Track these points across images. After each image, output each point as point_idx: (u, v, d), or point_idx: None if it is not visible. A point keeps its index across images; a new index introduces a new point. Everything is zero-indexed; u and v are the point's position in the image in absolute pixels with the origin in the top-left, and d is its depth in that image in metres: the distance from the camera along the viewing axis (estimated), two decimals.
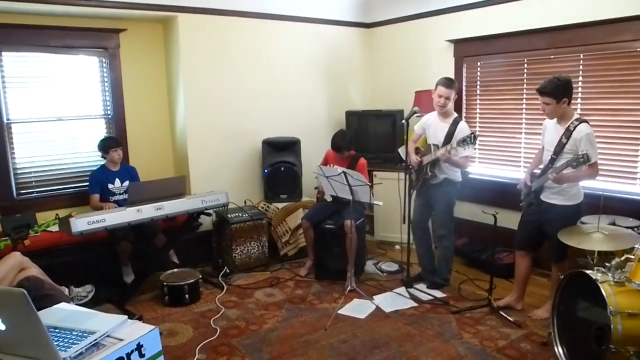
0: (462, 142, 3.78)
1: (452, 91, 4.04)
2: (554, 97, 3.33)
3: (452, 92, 4.04)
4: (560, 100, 3.34)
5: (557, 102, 3.34)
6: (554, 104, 3.35)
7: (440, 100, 4.05)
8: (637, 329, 2.64)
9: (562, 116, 3.43)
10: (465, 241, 5.11)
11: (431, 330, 3.59)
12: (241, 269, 4.76)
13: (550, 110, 3.41)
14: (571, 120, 3.40)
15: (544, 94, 3.36)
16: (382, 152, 5.60)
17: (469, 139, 3.75)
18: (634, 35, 3.90)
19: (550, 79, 3.37)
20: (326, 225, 4.56)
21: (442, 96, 4.03)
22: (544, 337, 3.37)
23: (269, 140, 5.26)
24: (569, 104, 3.40)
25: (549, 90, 3.33)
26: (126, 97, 4.92)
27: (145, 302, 4.12)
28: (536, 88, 3.43)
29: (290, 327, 3.68)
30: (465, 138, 3.77)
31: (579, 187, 3.50)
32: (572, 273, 3.06)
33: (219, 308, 3.98)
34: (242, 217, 4.81)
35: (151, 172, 4.89)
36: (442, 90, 4.04)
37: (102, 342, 1.52)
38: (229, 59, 5.13)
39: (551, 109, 3.39)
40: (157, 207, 3.97)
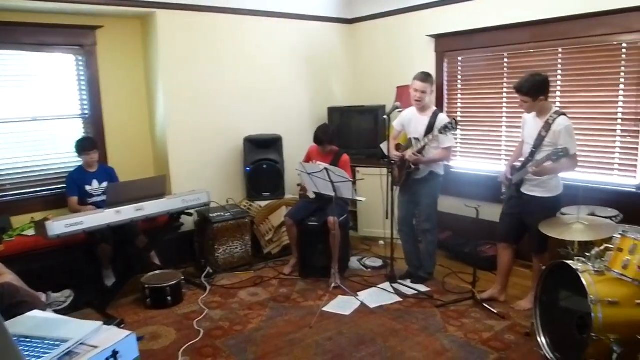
0: (444, 129, 3.79)
1: (428, 85, 4.05)
2: (530, 95, 3.38)
3: (428, 86, 4.05)
4: (537, 98, 3.39)
5: (534, 100, 3.39)
6: (531, 101, 3.40)
7: (416, 94, 4.06)
8: (617, 317, 2.68)
9: (541, 110, 3.46)
10: (448, 235, 5.12)
11: (416, 325, 3.59)
12: (224, 269, 4.71)
13: (527, 107, 3.47)
14: (550, 113, 3.44)
15: (522, 92, 3.41)
16: (364, 147, 5.59)
17: (450, 125, 3.76)
18: (611, 29, 3.93)
19: (527, 77, 3.41)
20: (309, 223, 4.54)
21: (418, 90, 4.04)
22: (527, 328, 3.40)
23: (251, 138, 5.21)
24: (545, 100, 3.43)
25: (525, 89, 3.39)
26: (104, 96, 4.83)
27: (126, 306, 4.05)
28: (514, 86, 3.48)
29: (275, 326, 3.65)
30: (447, 125, 3.78)
31: (559, 179, 3.53)
32: (553, 264, 3.09)
33: (202, 309, 3.93)
34: (224, 216, 4.76)
35: (130, 172, 4.81)
36: (418, 85, 4.04)
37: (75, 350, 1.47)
38: (209, 56, 5.07)
39: (528, 105, 3.45)
40: (137, 208, 3.91)
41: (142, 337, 3.48)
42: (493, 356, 3.15)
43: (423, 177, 4.18)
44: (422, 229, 4.31)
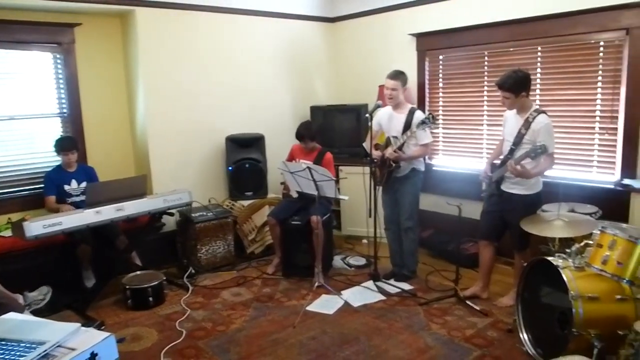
0: (422, 124, 3.81)
1: (399, 82, 4.06)
2: (512, 91, 3.40)
3: (399, 82, 4.06)
4: (519, 94, 3.40)
5: (516, 96, 3.41)
6: (513, 97, 3.42)
7: (388, 92, 4.08)
8: (597, 312, 2.71)
9: (521, 107, 3.49)
10: (431, 233, 5.15)
11: (400, 323, 3.59)
12: (207, 269, 4.67)
13: (509, 104, 3.48)
14: (530, 111, 3.46)
15: (504, 88, 3.42)
16: (347, 146, 5.59)
17: (428, 120, 3.78)
18: (588, 27, 3.99)
19: (508, 73, 3.42)
20: (293, 222, 4.52)
21: (389, 88, 4.07)
22: (510, 324, 3.43)
23: (233, 137, 5.17)
24: (527, 96, 3.46)
25: (508, 85, 3.39)
26: (83, 95, 4.75)
27: (107, 307, 3.99)
28: (495, 82, 3.49)
29: (258, 326, 3.62)
30: (424, 120, 3.80)
31: (538, 176, 3.56)
32: (534, 260, 3.13)
33: (184, 310, 3.89)
34: (206, 216, 4.72)
35: (110, 171, 4.74)
36: (388, 82, 4.07)
37: (52, 352, 1.43)
38: (190, 54, 5.01)
39: (510, 102, 3.46)
40: (117, 208, 3.86)
41: (123, 338, 3.43)
42: (476, 353, 3.16)
43: (405, 175, 4.19)
44: (404, 227, 4.31)
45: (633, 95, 3.82)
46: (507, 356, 3.10)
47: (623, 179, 3.87)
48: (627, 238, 2.76)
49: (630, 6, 3.72)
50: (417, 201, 4.30)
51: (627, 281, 2.71)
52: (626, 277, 2.71)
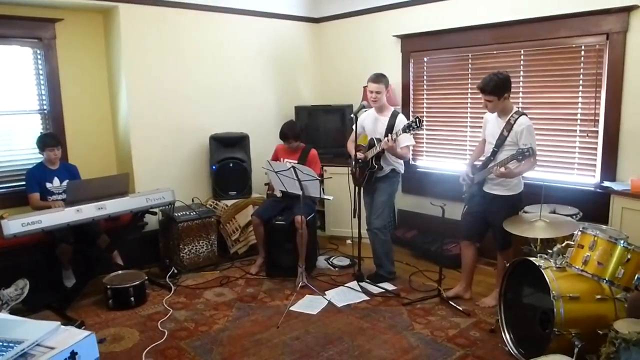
0: (408, 127, 3.82)
1: (382, 85, 4.08)
2: (495, 94, 3.42)
3: (382, 86, 4.09)
4: (502, 97, 3.43)
5: (499, 99, 3.43)
6: (496, 100, 3.44)
7: (372, 95, 4.10)
8: (578, 312, 2.75)
9: (503, 110, 3.52)
10: (414, 233, 5.17)
11: (383, 323, 3.59)
12: (190, 269, 4.62)
13: (492, 107, 3.50)
14: (511, 113, 3.49)
15: (486, 92, 3.43)
16: (331, 147, 5.57)
17: (414, 123, 3.78)
18: (570, 32, 4.04)
19: (490, 77, 3.43)
20: (276, 222, 4.50)
21: (373, 91, 4.08)
22: (492, 324, 3.45)
23: (217, 136, 5.13)
24: (508, 98, 3.49)
25: (490, 88, 3.41)
26: (64, 91, 4.67)
27: (87, 307, 3.92)
28: (478, 87, 3.50)
29: (242, 326, 3.59)
30: (411, 123, 3.80)
31: (520, 178, 3.60)
32: (516, 261, 3.15)
33: (166, 310, 3.84)
34: (189, 215, 4.67)
35: (92, 169, 4.66)
36: (372, 86, 4.09)
37: (30, 352, 1.39)
38: (174, 52, 4.96)
39: (493, 105, 3.47)
40: (99, 206, 3.79)
41: (104, 339, 3.38)
42: (459, 353, 3.18)
43: (385, 175, 4.21)
44: (371, 228, 4.27)
45: (613, 98, 3.88)
46: (489, 356, 3.12)
47: (603, 181, 3.93)
48: (607, 239, 2.79)
49: (611, 11, 3.78)
50: (390, 202, 4.31)
51: (607, 281, 2.75)
52: (606, 277, 2.74)
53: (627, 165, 3.88)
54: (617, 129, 3.89)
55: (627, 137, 3.86)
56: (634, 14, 3.71)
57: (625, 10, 3.73)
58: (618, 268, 2.72)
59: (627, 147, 3.87)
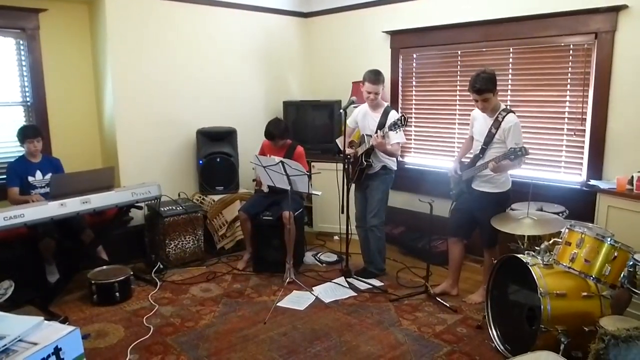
0: (394, 126, 3.81)
1: (380, 85, 4.08)
2: (491, 90, 3.43)
3: (380, 86, 4.08)
4: (495, 91, 3.45)
5: (494, 94, 3.45)
6: (491, 97, 3.45)
7: (370, 95, 4.08)
8: (565, 309, 2.77)
9: (491, 107, 3.53)
10: (402, 230, 5.18)
11: (370, 319, 3.60)
12: (176, 265, 4.59)
13: (489, 104, 3.47)
14: (499, 110, 3.52)
15: (483, 91, 3.41)
16: (320, 142, 5.56)
17: (400, 121, 3.78)
18: (559, 30, 4.06)
19: (479, 76, 3.43)
20: (264, 217, 4.48)
21: (372, 92, 4.06)
22: (479, 321, 3.46)
23: (204, 130, 5.08)
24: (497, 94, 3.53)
25: (486, 86, 3.40)
26: (48, 83, 4.60)
27: (71, 303, 3.87)
28: (473, 89, 3.45)
29: (228, 322, 3.57)
30: (396, 121, 3.80)
31: (508, 175, 3.63)
32: (504, 258, 3.17)
33: (152, 305, 3.80)
34: (175, 210, 4.63)
35: (77, 163, 4.59)
36: (370, 87, 4.06)
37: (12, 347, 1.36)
38: (161, 44, 4.90)
39: (490, 101, 3.46)
40: (83, 200, 3.73)
41: (88, 335, 3.33)
42: (446, 349, 3.18)
43: (375, 172, 4.20)
44: (369, 225, 4.30)
45: (600, 98, 3.91)
46: (476, 352, 3.14)
47: (589, 180, 3.96)
48: (594, 236, 2.81)
49: (600, 11, 3.81)
50: (385, 199, 4.31)
51: (593, 278, 2.77)
52: (593, 275, 2.76)
53: (613, 164, 3.91)
54: (604, 128, 3.92)
55: (613, 136, 3.90)
56: (622, 13, 3.74)
57: (614, 10, 3.75)
58: (605, 265, 2.74)
59: (613, 146, 3.91)
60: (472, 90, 3.46)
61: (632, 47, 3.72)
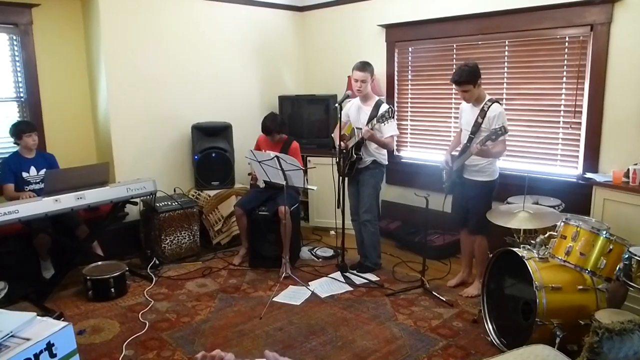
0: (382, 118, 3.83)
1: (367, 74, 4.08)
2: (471, 82, 3.54)
3: (368, 75, 4.08)
4: (477, 84, 3.55)
5: (474, 86, 3.55)
6: (472, 88, 3.56)
7: (357, 84, 4.09)
8: (560, 302, 2.78)
9: (477, 98, 3.64)
10: (398, 224, 5.18)
11: (366, 314, 3.60)
12: (171, 260, 4.58)
13: (469, 96, 3.62)
14: (484, 101, 3.61)
15: (462, 83, 3.55)
16: (316, 137, 5.55)
17: (387, 113, 3.81)
18: (555, 22, 4.05)
19: (460, 68, 3.58)
20: (260, 212, 4.47)
21: (359, 80, 4.07)
22: (475, 315, 3.47)
23: (199, 125, 5.07)
24: (481, 85, 3.61)
25: (464, 78, 3.53)
26: (41, 78, 4.57)
27: (66, 298, 3.87)
28: (452, 80, 3.60)
29: (224, 317, 3.57)
30: (384, 113, 3.83)
31: (496, 166, 3.72)
32: (500, 251, 3.17)
33: (147, 301, 3.80)
34: (171, 205, 4.62)
35: (71, 159, 4.58)
36: (357, 75, 4.07)
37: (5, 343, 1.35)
38: (155, 39, 4.87)
39: (470, 94, 3.60)
40: (78, 196, 3.73)
41: (84, 330, 3.34)
42: (442, 343, 3.19)
43: (366, 166, 4.21)
44: (361, 220, 4.30)
45: (596, 90, 3.91)
46: (472, 346, 3.14)
47: (585, 173, 3.97)
48: (589, 229, 2.82)
49: (595, 3, 3.80)
50: (376, 194, 4.32)
51: (589, 272, 2.78)
52: (588, 268, 2.77)
53: (609, 157, 3.91)
54: (600, 121, 3.92)
55: (609, 128, 3.90)
56: (618, 5, 3.73)
57: (609, 2, 3.74)
58: (600, 259, 2.75)
59: (609, 138, 3.91)
60: (452, 81, 3.61)
61: (628, 38, 3.72)
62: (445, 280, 4.13)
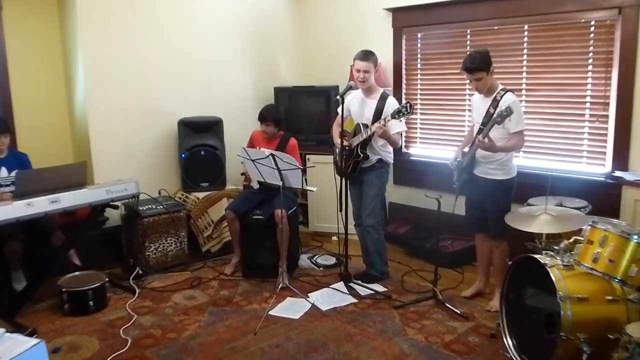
0: (398, 113, 3.82)
1: (371, 64, 4.08)
2: (483, 69, 3.54)
3: (371, 64, 4.08)
4: (489, 71, 3.56)
5: (487, 73, 3.56)
6: (485, 75, 3.56)
7: (359, 75, 4.09)
8: (587, 314, 2.76)
9: (489, 88, 3.64)
10: (407, 229, 5.18)
11: (373, 328, 3.60)
12: (156, 270, 4.60)
13: (482, 84, 3.61)
14: (497, 90, 3.62)
15: (474, 70, 3.54)
16: (315, 132, 5.56)
17: (405, 108, 3.80)
18: (579, 5, 4.06)
19: (472, 55, 3.59)
20: (254, 216, 4.48)
21: (361, 70, 4.07)
22: (493, 329, 3.46)
23: (187, 120, 5.08)
24: (493, 73, 3.62)
25: (477, 65, 3.53)
26: (12, 70, 4.60)
27: (40, 313, 3.87)
28: (463, 68, 3.59)
29: (215, 332, 3.57)
30: (401, 108, 3.82)
31: (513, 163, 3.70)
32: (519, 258, 3.16)
33: (130, 315, 3.81)
34: (156, 209, 4.64)
35: (46, 158, 4.56)
36: (359, 65, 4.08)
37: None
38: (138, 26, 4.89)
39: (483, 82, 3.59)
40: (53, 199, 3.72)
41: (59, 348, 3.35)
42: None
43: (371, 165, 4.21)
44: (364, 225, 4.31)
45: (625, 79, 3.90)
46: None
47: (614, 171, 3.96)
48: (619, 234, 2.81)
49: None
50: (381, 196, 4.33)
51: (618, 280, 2.76)
52: (618, 276, 2.76)
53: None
54: (630, 113, 3.92)
55: None
56: None
57: None
58: (631, 266, 2.74)
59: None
60: (464, 69, 3.60)
61: None
62: (460, 290, 4.13)
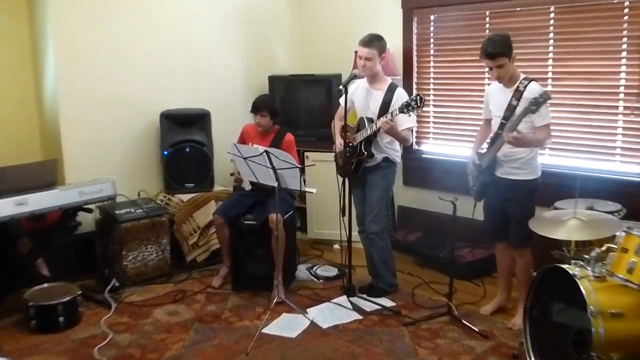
0: (407, 107, 3.82)
1: (374, 51, 4.08)
2: (506, 54, 3.53)
3: (374, 51, 4.08)
4: (512, 56, 3.56)
5: (509, 59, 3.56)
6: (507, 62, 3.56)
7: (361, 61, 4.11)
8: (621, 331, 2.76)
9: (510, 77, 3.64)
10: (418, 236, 5.18)
11: (379, 348, 3.60)
12: (135, 282, 4.61)
13: (505, 72, 3.60)
14: (519, 80, 3.63)
15: (496, 55, 3.53)
16: (315, 127, 5.58)
17: (415, 102, 3.79)
18: None
19: (492, 39, 3.59)
20: (245, 221, 4.48)
21: (362, 57, 4.09)
22: (515, 349, 3.46)
23: (170, 113, 5.10)
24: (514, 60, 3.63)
25: (499, 49, 3.52)
26: None
27: (4, 329, 3.88)
28: (484, 53, 3.57)
29: (201, 353, 3.58)
30: (410, 102, 3.82)
31: (538, 161, 3.71)
32: (546, 269, 3.16)
33: (105, 333, 3.82)
34: (135, 213, 4.65)
35: (10, 155, 4.58)
36: (361, 51, 4.10)
37: None
38: (116, 10, 4.91)
39: (506, 69, 3.59)
40: (19, 201, 3.76)
41: None
42: None
43: (376, 164, 4.22)
44: (367, 232, 4.31)
45: None
46: None
47: None
48: None
49: None
50: (386, 198, 4.34)
51: None
52: None
53: None
54: None
55: None
56: None
57: None
58: None
59: None
60: (484, 55, 3.58)
61: None
62: (478, 305, 4.13)
